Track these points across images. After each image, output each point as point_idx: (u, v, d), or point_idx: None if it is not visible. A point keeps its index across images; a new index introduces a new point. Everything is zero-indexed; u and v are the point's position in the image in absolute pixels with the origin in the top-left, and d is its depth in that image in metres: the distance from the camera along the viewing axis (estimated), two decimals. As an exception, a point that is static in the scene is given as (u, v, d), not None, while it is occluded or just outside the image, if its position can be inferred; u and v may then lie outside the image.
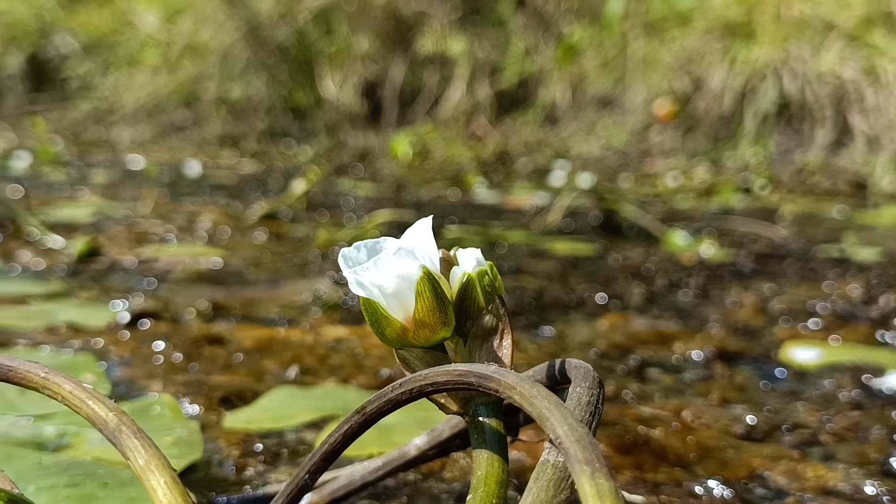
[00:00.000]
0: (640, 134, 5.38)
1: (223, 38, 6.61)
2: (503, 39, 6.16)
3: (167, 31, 7.01)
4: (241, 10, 6.54)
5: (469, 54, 6.05)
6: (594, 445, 0.38)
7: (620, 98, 5.62)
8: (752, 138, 4.88)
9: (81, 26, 7.64)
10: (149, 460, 0.39)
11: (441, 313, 0.48)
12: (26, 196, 2.37)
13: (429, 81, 6.18)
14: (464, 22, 6.21)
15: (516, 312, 1.34)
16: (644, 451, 0.76)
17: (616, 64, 5.75)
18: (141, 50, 7.22)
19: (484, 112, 5.94)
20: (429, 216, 0.52)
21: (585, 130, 5.59)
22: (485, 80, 6.01)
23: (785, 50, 4.93)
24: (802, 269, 1.81)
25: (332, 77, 6.37)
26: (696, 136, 5.17)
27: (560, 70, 5.87)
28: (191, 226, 2.15)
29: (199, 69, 6.81)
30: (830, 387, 1.01)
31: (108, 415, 0.40)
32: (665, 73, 5.37)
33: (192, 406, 0.87)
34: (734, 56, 5.11)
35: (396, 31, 6.37)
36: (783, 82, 4.87)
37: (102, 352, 1.04)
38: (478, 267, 0.50)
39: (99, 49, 7.53)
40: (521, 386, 0.42)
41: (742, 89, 5.00)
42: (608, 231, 2.33)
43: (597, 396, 0.46)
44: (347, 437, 0.51)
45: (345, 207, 2.65)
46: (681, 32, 5.50)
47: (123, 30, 7.39)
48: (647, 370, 1.06)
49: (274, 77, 6.49)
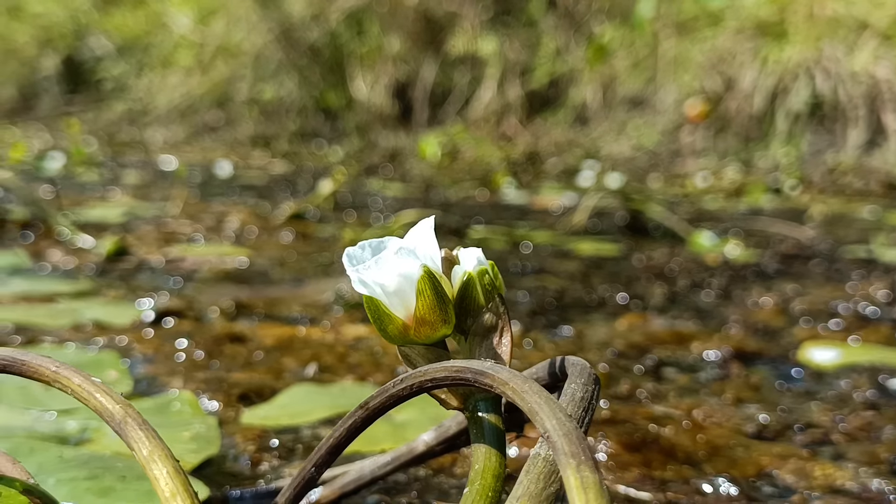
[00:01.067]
0: (671, 134, 5.36)
1: (256, 40, 6.66)
2: (534, 40, 6.16)
3: (200, 33, 7.07)
4: (274, 12, 6.58)
5: (500, 54, 6.05)
6: (581, 439, 0.39)
7: (651, 98, 5.61)
8: (784, 138, 4.85)
9: (116, 28, 7.73)
10: (152, 451, 0.40)
11: (441, 311, 0.49)
12: (58, 196, 2.41)
13: (459, 82, 6.19)
14: (495, 22, 6.22)
15: (536, 312, 1.35)
16: (653, 448, 0.76)
17: (647, 64, 5.73)
18: (174, 51, 7.29)
19: (514, 112, 5.95)
20: (432, 216, 0.53)
21: (616, 131, 5.58)
22: (515, 80, 6.01)
23: (818, 49, 4.89)
24: (828, 270, 1.81)
25: (364, 78, 6.40)
26: (727, 136, 5.14)
27: (591, 70, 5.86)
28: (219, 226, 2.18)
29: (231, 70, 6.86)
30: (846, 387, 1.01)
31: (115, 407, 0.42)
32: (696, 72, 5.35)
33: (212, 402, 0.89)
34: (766, 56, 5.08)
35: (428, 32, 6.39)
36: (816, 82, 4.84)
37: (126, 349, 1.06)
38: (478, 266, 0.51)
39: (133, 50, 7.61)
40: (514, 381, 0.43)
41: (774, 89, 4.98)
42: (634, 231, 2.33)
43: (591, 393, 0.47)
44: (351, 432, 0.52)
45: (372, 208, 2.67)
46: (712, 32, 5.47)
47: (157, 31, 7.46)
48: (663, 370, 1.07)
49: (306, 78, 6.53)
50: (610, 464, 0.74)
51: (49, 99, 7.97)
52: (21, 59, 8.19)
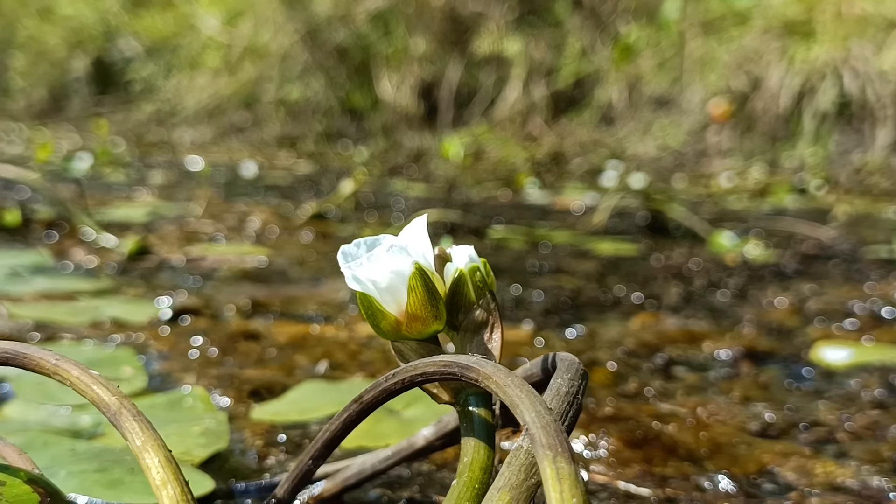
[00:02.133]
0: (696, 134, 5.34)
1: (282, 40, 6.70)
2: (559, 40, 6.16)
3: (228, 34, 7.12)
4: (301, 13, 6.62)
5: (525, 55, 6.06)
6: (559, 431, 0.40)
7: (677, 98, 5.59)
8: (811, 138, 4.82)
9: (145, 30, 7.80)
10: (145, 441, 0.42)
11: (432, 307, 0.50)
12: (83, 196, 2.44)
13: (485, 82, 6.20)
14: (520, 22, 6.22)
15: (550, 311, 1.36)
16: (655, 445, 0.77)
17: (673, 63, 5.72)
18: (202, 52, 7.35)
19: (540, 112, 5.95)
20: (424, 214, 0.54)
21: (641, 131, 5.57)
22: (541, 80, 6.01)
23: (846, 48, 4.86)
24: (847, 270, 1.80)
25: (389, 78, 6.42)
26: (753, 136, 5.12)
27: (616, 70, 5.85)
28: (241, 225, 2.20)
29: (258, 71, 6.91)
30: (856, 386, 1.01)
31: (111, 398, 0.43)
32: (722, 72, 5.33)
33: (223, 398, 0.91)
34: (793, 55, 5.05)
35: (453, 32, 6.40)
36: (843, 81, 4.81)
37: (143, 346, 1.08)
38: (470, 263, 0.52)
39: (162, 52, 7.68)
40: (497, 375, 0.44)
41: (801, 88, 4.95)
42: (655, 231, 2.33)
43: (577, 387, 0.48)
44: (347, 425, 0.53)
45: (394, 208, 2.69)
46: (739, 31, 5.45)
47: (185, 33, 7.52)
48: (673, 368, 1.07)
49: (332, 79, 6.56)
50: (611, 460, 0.75)
51: (79, 100, 8.06)
52: (52, 61, 8.28)
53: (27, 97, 8.41)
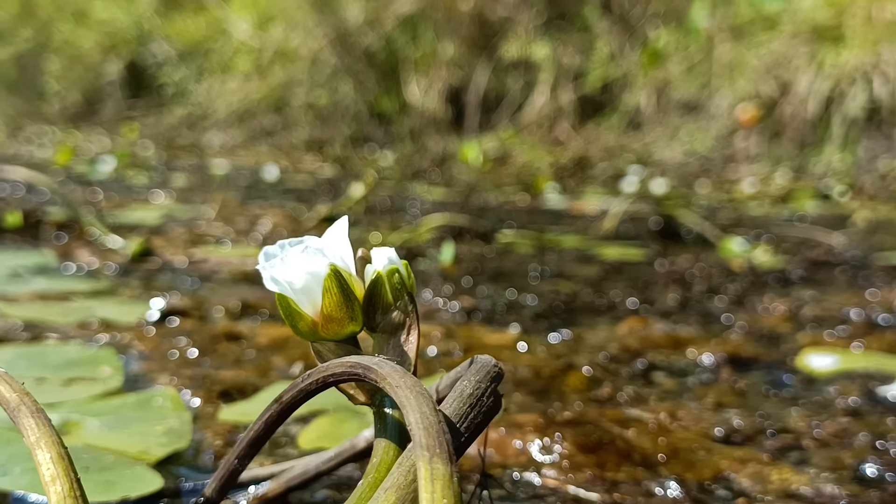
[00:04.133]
0: (724, 139, 5.31)
1: (312, 45, 6.74)
2: (587, 44, 6.15)
3: (259, 38, 7.17)
4: (330, 17, 6.66)
5: (553, 59, 6.05)
6: (440, 433, 0.40)
7: (705, 103, 5.56)
8: (840, 144, 4.78)
9: (177, 34, 7.88)
10: (39, 437, 0.42)
11: (348, 309, 0.51)
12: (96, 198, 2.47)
13: (512, 87, 6.20)
14: (548, 27, 6.22)
15: (541, 316, 1.35)
16: (609, 450, 0.77)
17: (702, 68, 5.69)
18: (234, 56, 7.41)
19: (567, 117, 5.94)
20: (345, 216, 0.55)
21: (669, 136, 5.55)
22: (568, 84, 6.00)
23: (876, 53, 4.81)
24: (853, 277, 1.78)
25: (418, 82, 6.44)
26: (781, 141, 5.08)
27: (645, 75, 5.83)
28: (251, 228, 2.22)
29: (288, 75, 6.95)
30: (834, 393, 1.00)
31: (12, 395, 0.44)
32: (751, 77, 5.30)
33: (194, 399, 0.91)
34: (822, 60, 5.01)
35: (482, 37, 6.40)
36: (873, 86, 4.76)
37: (126, 346, 1.09)
38: (389, 265, 0.53)
39: (194, 56, 7.75)
40: (392, 376, 0.44)
41: (830, 93, 4.90)
42: (666, 237, 2.32)
43: (483, 389, 0.48)
44: (269, 425, 0.54)
45: (408, 211, 2.69)
46: (768, 36, 5.41)
47: (217, 37, 7.59)
48: (652, 373, 1.07)
49: (361, 83, 6.59)
50: (564, 464, 0.75)
51: (112, 103, 8.15)
52: (86, 65, 8.39)
53: (62, 101, 8.53)
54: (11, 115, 8.34)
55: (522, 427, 0.80)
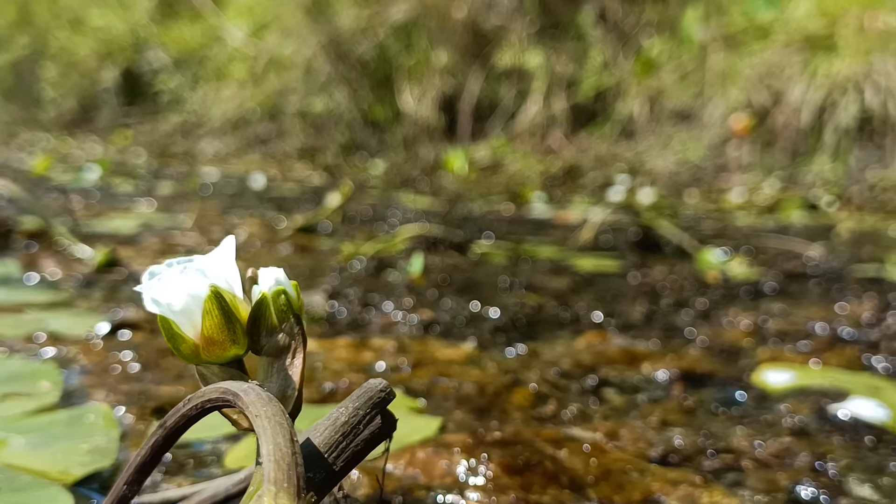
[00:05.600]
0: (717, 148, 5.29)
1: (306, 52, 6.73)
2: (581, 53, 6.13)
3: (253, 46, 7.17)
4: (324, 25, 6.65)
5: (546, 68, 6.04)
6: (292, 467, 0.39)
7: (698, 112, 5.54)
8: (832, 153, 4.77)
9: (173, 41, 7.87)
10: None
11: (230, 331, 0.49)
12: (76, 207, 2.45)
13: (506, 95, 6.19)
14: (542, 35, 6.21)
15: (501, 329, 1.34)
16: (537, 472, 0.75)
17: (695, 77, 5.67)
18: (228, 64, 7.40)
19: (559, 126, 5.92)
20: (233, 235, 0.53)
21: (661, 145, 5.53)
22: (561, 93, 5.99)
23: (868, 63, 4.80)
24: (827, 290, 1.76)
25: (411, 91, 6.42)
26: (774, 150, 5.07)
27: (638, 84, 5.82)
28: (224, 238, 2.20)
29: (283, 83, 6.94)
30: (784, 411, 0.99)
31: None
32: (744, 86, 5.28)
33: (127, 415, 0.90)
34: (814, 69, 5.00)
35: (475, 45, 6.39)
36: (865, 96, 4.75)
37: (70, 360, 1.08)
38: (275, 287, 0.51)
39: (189, 63, 7.74)
40: (254, 404, 0.43)
41: (822, 103, 4.89)
42: (645, 248, 2.30)
43: (360, 417, 0.47)
44: (155, 451, 0.52)
45: (389, 221, 2.68)
46: (760, 45, 5.40)
47: (212, 44, 7.58)
48: (602, 390, 1.05)
49: (354, 91, 6.58)
50: (488, 486, 0.73)
51: (108, 111, 8.13)
52: (82, 72, 8.38)
53: (57, 108, 8.51)
54: (7, 121, 8.34)
55: (451, 447, 0.78)
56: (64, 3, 8.79)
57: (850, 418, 0.97)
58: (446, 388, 1.01)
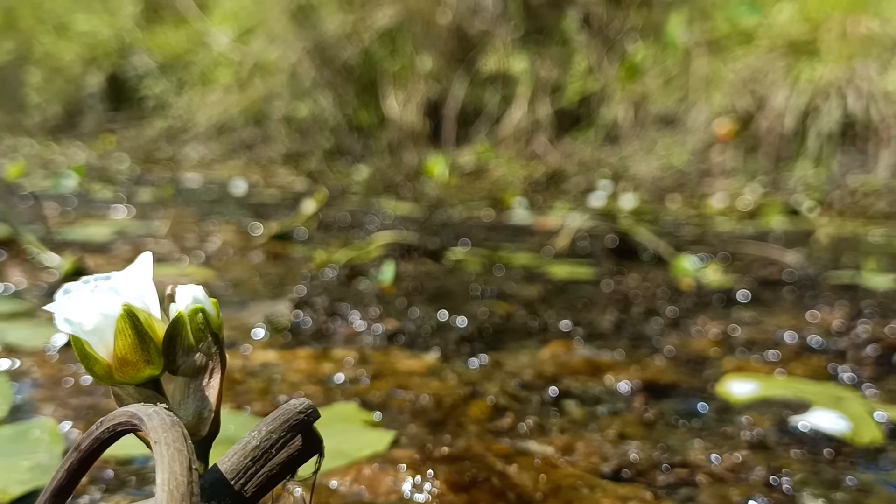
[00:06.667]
0: (701, 154, 5.29)
1: (291, 58, 6.71)
2: (566, 58, 6.13)
3: (239, 51, 7.14)
4: (309, 30, 6.63)
5: (531, 73, 6.03)
6: (185, 496, 0.37)
7: (683, 117, 5.55)
8: (815, 158, 4.77)
9: (158, 46, 7.84)
10: None
11: (144, 352, 0.48)
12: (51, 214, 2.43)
13: (490, 100, 6.18)
14: (526, 40, 6.20)
15: (466, 339, 1.32)
16: (483, 488, 0.74)
17: (679, 82, 5.68)
18: (214, 69, 7.37)
19: (544, 131, 5.92)
20: (148, 252, 0.52)
21: (646, 150, 5.53)
22: (546, 98, 5.99)
23: (850, 68, 4.81)
24: (800, 297, 1.75)
25: (396, 96, 6.41)
26: (757, 156, 5.07)
27: (622, 89, 5.82)
28: (199, 245, 2.18)
29: (268, 88, 6.92)
30: (745, 423, 0.97)
31: None
32: (728, 91, 5.29)
33: (74, 431, 0.88)
34: (798, 74, 5.00)
35: (460, 50, 6.39)
36: (848, 101, 4.75)
37: (23, 373, 1.06)
38: (193, 305, 0.50)
39: (174, 68, 7.71)
40: (155, 430, 0.41)
41: (805, 108, 4.90)
42: (621, 255, 2.28)
43: (274, 440, 0.45)
44: (71, 474, 0.51)
45: (367, 228, 2.66)
46: (744, 50, 5.41)
47: (198, 49, 7.55)
48: (563, 402, 1.04)
49: (339, 96, 6.57)
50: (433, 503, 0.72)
51: (93, 116, 8.10)
52: (67, 77, 8.34)
53: (42, 113, 8.47)
54: (-9, 127, 8.30)
55: (397, 463, 0.77)
56: (49, 8, 8.75)
57: (811, 430, 0.96)
58: (403, 401, 1.00)
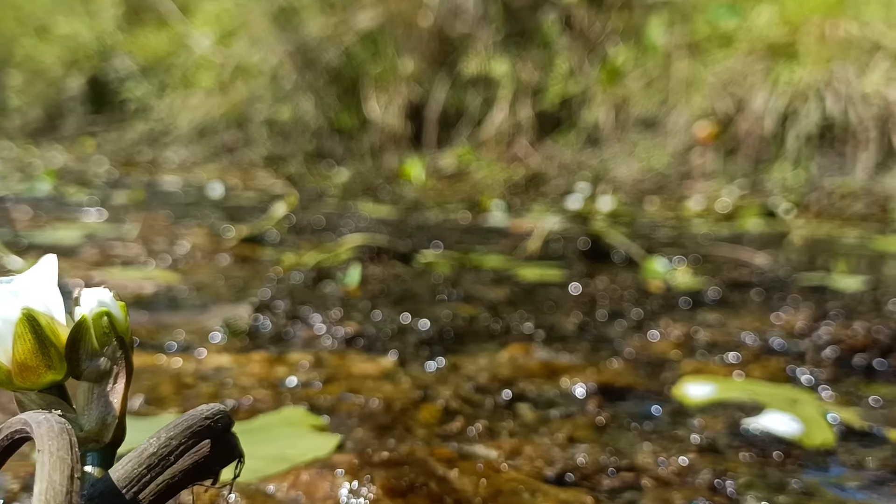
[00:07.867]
0: (681, 156, 5.30)
1: (273, 60, 6.70)
2: (547, 60, 6.13)
3: (220, 53, 7.12)
4: (291, 33, 6.62)
5: (512, 75, 6.03)
6: (63, 505, 0.36)
7: (663, 119, 5.55)
8: (794, 161, 4.78)
9: (140, 49, 7.81)
10: None
11: (44, 356, 0.47)
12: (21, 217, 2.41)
13: (472, 103, 6.17)
14: (507, 43, 6.20)
15: (427, 343, 1.31)
16: (421, 493, 0.73)
17: (659, 85, 5.68)
18: (195, 72, 7.35)
19: (525, 133, 5.92)
20: (54, 255, 0.51)
21: (627, 152, 5.54)
22: (527, 101, 5.99)
23: (829, 71, 4.83)
24: (768, 299, 1.75)
25: (378, 99, 6.40)
26: (737, 158, 5.08)
27: (603, 91, 5.82)
28: (168, 248, 2.17)
29: (250, 91, 6.90)
30: (696, 426, 0.97)
31: None
32: (707, 94, 5.30)
33: (15, 436, 0.87)
34: (777, 77, 5.02)
35: (441, 53, 6.38)
36: (826, 104, 4.77)
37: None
38: (98, 308, 0.49)
39: (155, 71, 7.69)
40: (41, 438, 0.40)
41: (784, 111, 4.91)
42: (593, 257, 2.28)
43: (173, 447, 0.44)
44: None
45: (340, 231, 2.65)
46: (724, 53, 5.42)
47: (179, 52, 7.53)
48: (516, 405, 1.03)
49: (321, 98, 6.55)
50: (368, 509, 0.71)
51: (74, 119, 8.06)
52: (48, 80, 8.31)
53: (23, 116, 8.43)
54: (-29, 130, 8.25)
55: (335, 468, 0.76)
56: (29, 11, 8.71)
57: (762, 433, 0.95)
58: (352, 405, 0.99)
